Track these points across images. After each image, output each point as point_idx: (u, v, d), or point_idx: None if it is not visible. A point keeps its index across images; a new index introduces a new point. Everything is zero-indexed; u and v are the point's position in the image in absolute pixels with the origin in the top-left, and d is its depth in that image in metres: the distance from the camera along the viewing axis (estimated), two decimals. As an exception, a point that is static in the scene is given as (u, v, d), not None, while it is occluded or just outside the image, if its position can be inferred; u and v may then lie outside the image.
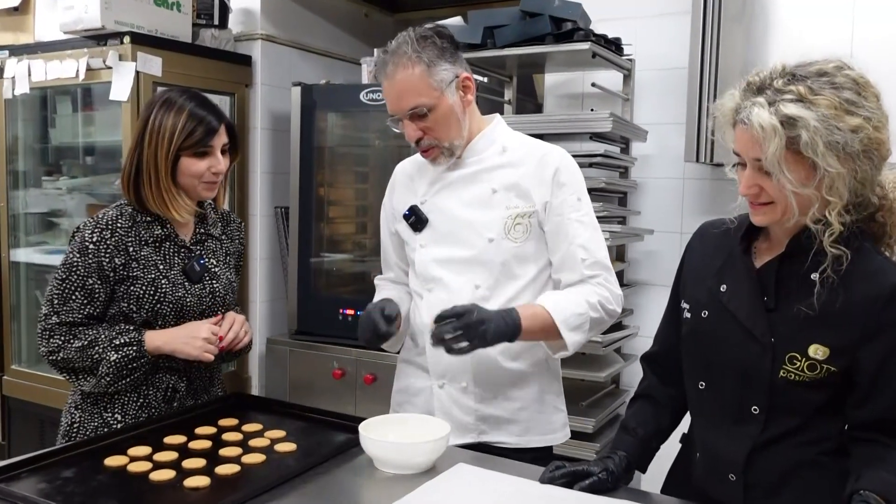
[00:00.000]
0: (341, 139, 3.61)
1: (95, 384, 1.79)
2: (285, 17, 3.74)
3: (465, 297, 1.78)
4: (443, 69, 1.70)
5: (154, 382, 1.86)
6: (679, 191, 3.03)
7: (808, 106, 1.23)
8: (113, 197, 3.47)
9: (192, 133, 1.80)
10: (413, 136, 1.75)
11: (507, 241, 1.77)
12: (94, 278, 1.78)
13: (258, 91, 3.63)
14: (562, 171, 1.78)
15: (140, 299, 1.80)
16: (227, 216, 2.06)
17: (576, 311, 1.69)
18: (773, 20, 2.60)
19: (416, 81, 1.68)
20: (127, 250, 1.80)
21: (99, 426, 1.84)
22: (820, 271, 1.31)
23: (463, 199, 1.81)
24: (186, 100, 1.83)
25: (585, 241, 1.76)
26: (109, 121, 3.41)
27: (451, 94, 1.72)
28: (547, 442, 1.87)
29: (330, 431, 1.78)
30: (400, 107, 1.72)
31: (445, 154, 1.78)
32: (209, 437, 1.68)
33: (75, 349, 1.77)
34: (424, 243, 1.85)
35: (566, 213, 1.76)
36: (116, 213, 1.84)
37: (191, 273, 1.88)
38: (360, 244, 3.65)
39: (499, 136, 1.84)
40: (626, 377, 3.13)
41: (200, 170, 1.83)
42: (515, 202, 1.77)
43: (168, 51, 3.26)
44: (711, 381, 1.46)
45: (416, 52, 1.68)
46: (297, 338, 3.51)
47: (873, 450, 1.33)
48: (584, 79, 3.19)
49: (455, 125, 1.75)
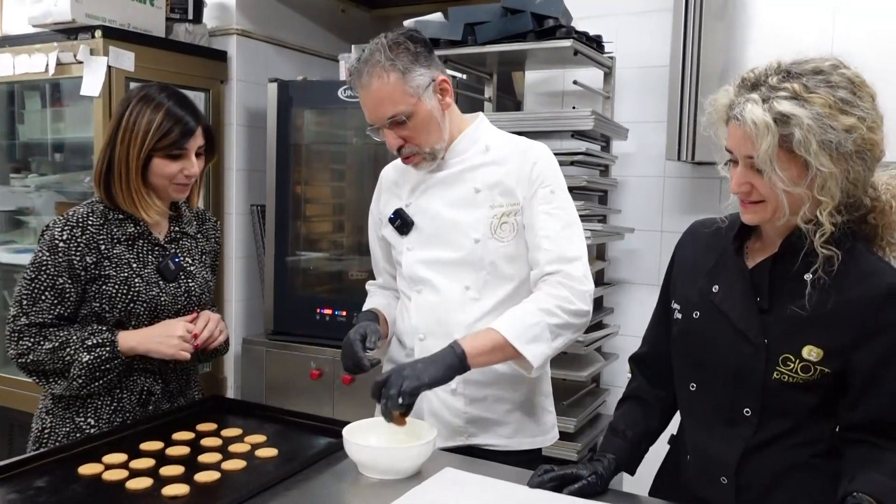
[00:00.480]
0: (318, 136, 3.56)
1: (67, 387, 1.73)
2: (261, 12, 3.68)
3: (455, 298, 1.76)
4: (418, 74, 1.67)
5: (128, 385, 1.80)
6: (659, 189, 3.02)
7: (803, 104, 1.22)
8: (83, 195, 3.39)
9: (168, 134, 1.75)
10: (394, 145, 1.72)
11: (494, 240, 1.74)
12: (64, 277, 1.73)
13: (233, 87, 3.56)
14: (539, 164, 1.75)
15: (112, 298, 1.75)
16: (202, 215, 2.02)
17: (528, 322, 1.62)
18: (755, 17, 2.60)
19: (392, 90, 1.65)
20: (98, 248, 1.76)
21: (71, 431, 1.79)
22: (812, 272, 1.30)
23: (447, 200, 1.78)
24: (166, 97, 1.78)
25: (552, 234, 1.70)
26: (80, 117, 3.33)
27: (429, 99, 1.69)
28: (536, 444, 1.84)
29: (311, 436, 1.74)
30: (378, 116, 1.69)
31: (427, 159, 1.75)
32: (187, 443, 1.63)
33: (46, 351, 1.71)
34: (411, 246, 1.82)
35: (536, 205, 1.72)
36: (87, 210, 1.79)
37: (165, 271, 1.83)
38: (338, 243, 3.61)
39: (482, 134, 1.82)
40: (606, 376, 3.12)
41: (172, 172, 1.78)
42: (499, 200, 1.75)
43: (141, 45, 3.18)
44: (703, 383, 1.44)
45: (390, 59, 1.65)
46: (274, 338, 3.46)
47: (866, 451, 1.32)
48: (565, 76, 3.17)
49: (435, 130, 1.72)
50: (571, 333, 1.68)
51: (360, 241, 3.48)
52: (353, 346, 1.68)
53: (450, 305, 1.77)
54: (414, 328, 1.82)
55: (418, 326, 1.81)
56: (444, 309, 1.77)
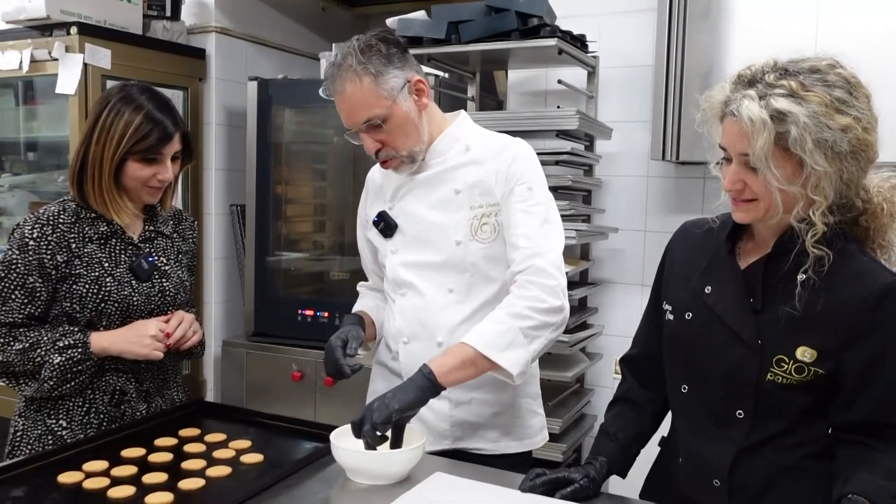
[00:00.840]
0: (299, 135, 3.52)
1: (37, 389, 1.70)
2: (240, 9, 3.63)
3: (439, 301, 1.74)
4: (391, 77, 1.64)
5: (100, 386, 1.77)
6: (643, 188, 3.02)
7: (799, 101, 1.21)
8: (58, 194, 3.31)
9: (145, 138, 1.72)
10: (372, 148, 1.69)
11: (475, 242, 1.71)
12: (34, 276, 1.70)
13: (212, 85, 3.51)
14: (517, 161, 1.71)
15: (83, 298, 1.72)
16: (178, 214, 1.99)
17: (498, 329, 1.55)
18: (738, 17, 2.60)
19: (366, 94, 1.63)
20: (69, 247, 1.73)
21: (43, 434, 1.76)
22: (802, 272, 1.29)
23: (429, 202, 1.76)
24: (146, 99, 1.75)
25: (529, 231, 1.65)
26: (55, 115, 3.26)
27: (405, 101, 1.66)
28: (524, 447, 1.82)
29: (297, 440, 1.71)
30: (353, 121, 1.67)
31: (406, 162, 1.72)
32: (170, 449, 1.59)
33: (16, 352, 1.68)
34: (395, 249, 1.80)
35: (513, 203, 1.68)
36: (58, 208, 1.76)
37: (138, 271, 1.80)
38: (319, 243, 3.57)
39: (463, 134, 1.78)
40: (590, 376, 3.11)
41: (146, 175, 1.76)
42: (479, 201, 1.71)
43: (118, 42, 3.13)
44: (695, 384, 1.43)
45: (362, 63, 1.62)
46: (254, 340, 3.41)
47: (859, 452, 1.31)
48: (548, 75, 3.16)
49: (413, 132, 1.69)
50: (551, 332, 1.60)
51: (341, 242, 3.45)
52: (333, 353, 1.66)
53: (433, 308, 1.74)
54: (398, 331, 1.80)
55: (402, 329, 1.79)
56: (427, 312, 1.75)
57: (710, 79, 2.63)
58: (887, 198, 1.34)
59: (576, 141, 2.87)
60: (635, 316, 2.94)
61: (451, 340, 1.71)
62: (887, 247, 1.37)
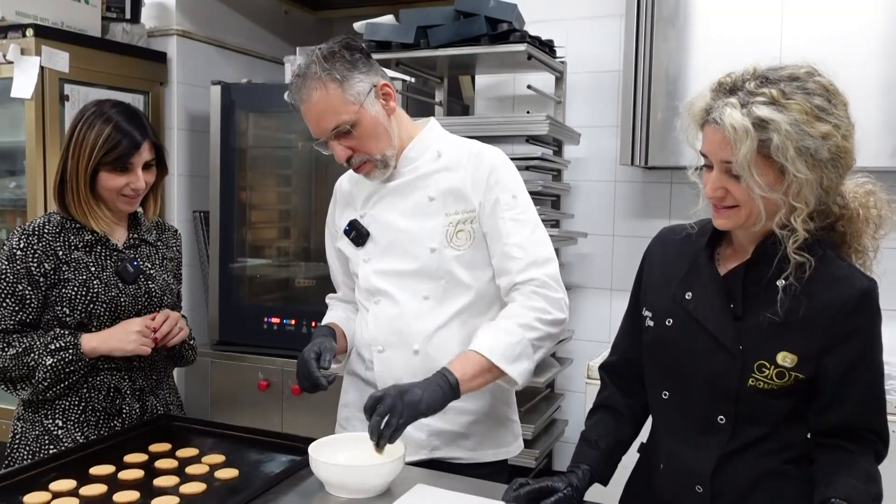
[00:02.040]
0: (263, 141, 3.47)
1: (33, 391, 1.76)
2: (202, 12, 3.56)
3: (413, 308, 1.72)
4: (357, 81, 1.63)
5: (95, 384, 1.82)
6: (611, 193, 3.04)
7: (780, 109, 1.21)
8: (12, 202, 3.23)
9: (114, 148, 1.78)
10: (342, 156, 1.67)
11: (450, 249, 1.70)
12: (23, 284, 1.77)
13: (174, 89, 3.45)
14: (497, 169, 1.71)
15: (72, 301, 1.78)
16: (161, 224, 2.05)
17: (510, 340, 1.59)
18: (705, 23, 2.63)
19: (332, 100, 1.62)
20: (56, 254, 1.79)
21: (40, 434, 1.80)
22: (783, 278, 1.30)
23: (401, 210, 1.74)
24: (116, 112, 1.81)
25: (522, 240, 1.67)
26: (8, 119, 3.16)
27: (372, 105, 1.65)
28: (500, 456, 1.81)
29: (271, 453, 1.67)
30: (322, 129, 1.65)
31: (379, 167, 1.70)
32: (140, 466, 1.55)
33: (10, 357, 1.75)
34: (368, 257, 1.78)
35: (500, 212, 1.68)
36: (44, 220, 1.84)
37: (123, 273, 1.85)
38: (284, 249, 3.52)
39: (433, 140, 1.77)
40: (561, 381, 3.11)
41: (118, 185, 1.81)
42: (454, 207, 1.71)
43: (76, 45, 3.05)
44: (676, 391, 1.43)
45: (326, 70, 1.61)
46: (219, 348, 3.36)
47: (838, 456, 1.32)
48: (516, 81, 3.16)
49: (383, 136, 1.68)
50: (550, 343, 1.66)
51: (306, 248, 3.41)
52: (308, 366, 1.63)
53: (409, 316, 1.72)
54: (372, 339, 1.77)
55: (377, 338, 1.76)
56: (402, 320, 1.73)
57: (678, 84, 2.65)
58: (863, 203, 1.36)
59: (545, 146, 2.87)
60: (605, 320, 3.01)
61: (429, 347, 1.70)
62: (863, 251, 1.39)
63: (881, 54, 2.44)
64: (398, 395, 1.45)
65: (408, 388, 1.47)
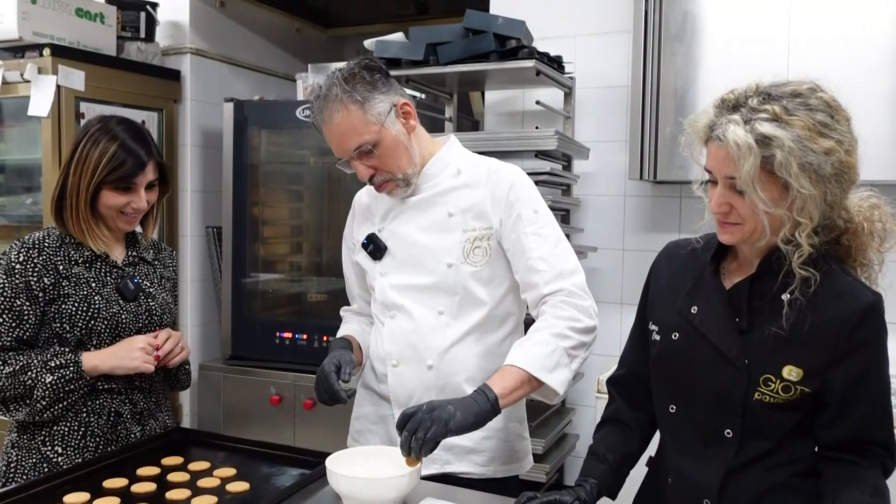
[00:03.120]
0: (275, 156, 3.50)
1: (29, 412, 1.71)
2: (215, 31, 3.61)
3: (429, 323, 1.73)
4: (378, 102, 1.66)
5: (94, 408, 1.78)
6: (620, 208, 3.05)
7: (783, 126, 1.22)
8: (28, 218, 3.27)
9: (118, 168, 1.75)
10: (365, 175, 1.70)
11: (467, 265, 1.72)
12: (21, 299, 1.72)
13: (187, 107, 3.49)
14: (516, 186, 1.73)
15: (73, 317, 1.74)
16: (157, 244, 2.03)
17: (545, 351, 1.58)
18: (712, 39, 2.64)
19: (354, 121, 1.64)
20: (56, 269, 1.75)
21: (38, 462, 1.75)
22: (789, 292, 1.30)
23: (420, 225, 1.76)
24: (122, 130, 1.79)
25: (545, 254, 1.68)
26: (25, 137, 3.21)
27: (393, 124, 1.68)
28: (511, 472, 1.81)
29: (282, 466, 1.69)
30: (345, 149, 1.68)
31: (401, 185, 1.73)
32: (153, 479, 1.57)
33: (6, 375, 1.69)
34: (384, 271, 1.79)
35: (522, 227, 1.70)
36: (43, 234, 1.80)
37: (124, 290, 1.83)
38: (296, 264, 3.55)
39: (453, 158, 1.80)
40: (572, 395, 3.11)
41: (120, 204, 1.79)
42: (473, 224, 1.73)
43: (91, 64, 3.10)
44: (682, 405, 1.44)
45: (347, 91, 1.64)
46: (231, 363, 3.38)
47: (845, 470, 1.33)
48: (525, 96, 3.18)
49: (404, 154, 1.71)
50: (584, 352, 1.65)
51: (318, 263, 3.43)
52: (328, 378, 1.64)
53: (423, 330, 1.74)
54: (387, 353, 1.78)
55: (391, 352, 1.78)
56: (417, 334, 1.74)
57: (686, 99, 2.67)
58: (867, 217, 1.37)
59: (554, 161, 2.88)
60: (615, 334, 3.01)
61: (442, 363, 1.71)
62: (868, 265, 1.39)
63: (888, 68, 2.44)
64: (428, 410, 1.44)
65: (440, 404, 1.46)
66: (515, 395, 1.55)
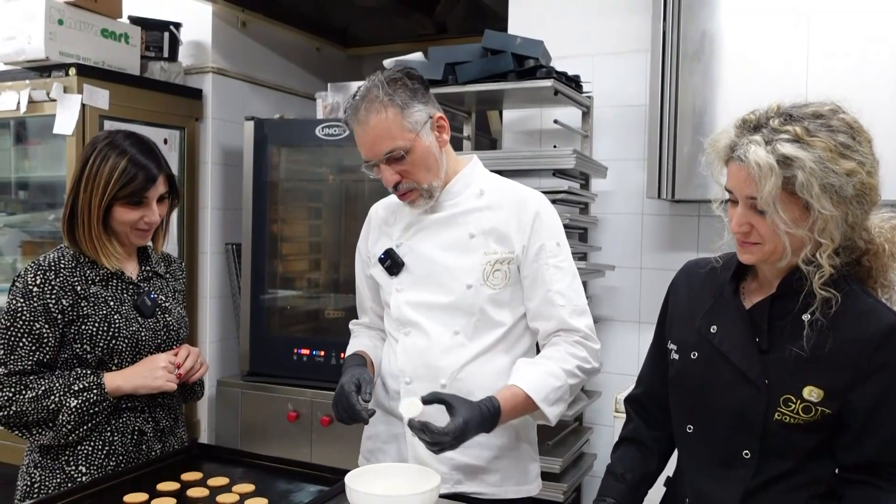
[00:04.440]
0: (295, 174, 3.54)
1: (54, 436, 1.70)
2: (237, 50, 3.67)
3: (444, 342, 1.73)
4: (416, 110, 1.67)
5: (118, 427, 1.77)
6: (638, 226, 3.04)
7: (805, 147, 1.23)
8: (51, 234, 3.33)
9: (129, 183, 1.74)
10: (391, 181, 1.70)
11: (486, 287, 1.72)
12: (41, 322, 1.71)
13: (209, 125, 3.53)
14: (542, 215, 1.74)
15: (94, 337, 1.73)
16: (167, 257, 2.01)
17: (554, 385, 1.64)
18: (730, 58, 2.64)
19: (391, 125, 1.64)
20: (74, 290, 1.74)
21: (62, 482, 1.74)
22: (810, 313, 1.30)
23: (440, 243, 1.76)
24: (130, 145, 1.77)
25: (563, 288, 1.72)
26: (50, 155, 3.27)
27: (427, 135, 1.69)
28: (523, 493, 1.80)
29: (300, 483, 1.69)
30: (375, 152, 1.67)
31: (424, 196, 1.73)
32: (172, 494, 1.57)
33: (29, 400, 1.68)
34: (401, 287, 1.79)
35: (544, 258, 1.72)
36: (58, 254, 1.78)
37: (142, 307, 1.82)
38: (315, 281, 3.57)
39: (476, 178, 1.80)
40: (589, 414, 3.10)
41: (133, 219, 1.78)
42: (494, 247, 1.73)
43: (116, 83, 3.16)
44: (701, 425, 1.43)
45: (388, 94, 1.64)
46: (250, 379, 3.39)
47: (866, 493, 1.32)
48: (542, 115, 3.20)
49: (433, 166, 1.71)
50: (578, 390, 1.73)
51: (337, 280, 3.45)
52: (349, 398, 1.62)
53: (438, 350, 1.74)
54: (400, 371, 1.78)
55: (405, 370, 1.77)
56: (431, 353, 1.74)
57: (704, 118, 2.67)
58: (888, 238, 1.36)
59: (572, 179, 2.89)
60: (633, 353, 3.00)
61: (455, 383, 1.71)
62: (889, 286, 1.39)
63: (908, 87, 2.43)
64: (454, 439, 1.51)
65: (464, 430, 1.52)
66: (513, 415, 1.63)
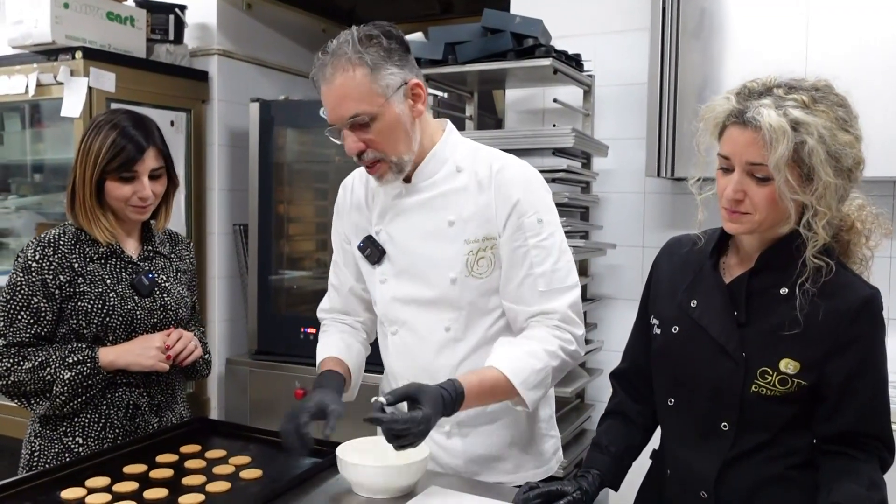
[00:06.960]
0: (301, 155, 3.57)
1: (49, 406, 1.75)
2: (242, 32, 3.69)
3: (436, 341, 1.66)
4: (388, 73, 1.50)
5: (114, 401, 1.82)
6: (640, 205, 3.05)
7: (813, 113, 1.24)
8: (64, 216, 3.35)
9: (117, 155, 1.75)
10: (354, 149, 1.54)
11: (472, 278, 1.61)
12: (39, 296, 1.76)
13: (215, 107, 3.57)
14: (521, 188, 1.60)
15: (88, 314, 1.77)
16: (175, 236, 2.04)
17: (535, 367, 1.53)
18: (730, 36, 2.64)
19: (358, 86, 1.48)
20: (72, 266, 1.78)
21: (60, 452, 1.79)
22: (798, 284, 1.31)
23: (420, 232, 1.64)
24: (124, 119, 1.80)
25: (546, 270, 1.59)
26: (60, 138, 3.32)
27: (398, 103, 1.53)
28: (542, 475, 1.73)
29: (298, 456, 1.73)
30: (339, 115, 1.52)
31: (393, 170, 1.58)
32: (171, 466, 1.62)
33: (26, 371, 1.74)
34: (384, 278, 1.70)
35: (524, 238, 1.59)
36: (59, 231, 1.82)
37: (139, 286, 1.84)
38: (321, 261, 3.61)
39: (451, 152, 1.65)
40: (591, 391, 3.13)
41: (125, 194, 1.79)
42: (474, 234, 1.61)
43: (122, 66, 3.20)
44: (681, 397, 1.46)
45: (358, 52, 1.48)
46: (258, 358, 3.45)
47: (842, 463, 1.34)
48: (545, 94, 3.21)
49: (403, 138, 1.55)
50: (561, 375, 1.62)
51: (343, 260, 3.48)
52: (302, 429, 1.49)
53: (431, 350, 1.66)
54: (397, 373, 1.72)
55: (401, 372, 1.71)
56: (424, 355, 1.67)
57: (704, 96, 2.66)
58: (857, 217, 1.39)
59: (572, 158, 2.90)
60: (633, 331, 3.01)
61: None
62: (864, 260, 1.41)
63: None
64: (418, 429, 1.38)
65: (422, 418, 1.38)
66: (483, 400, 1.52)
